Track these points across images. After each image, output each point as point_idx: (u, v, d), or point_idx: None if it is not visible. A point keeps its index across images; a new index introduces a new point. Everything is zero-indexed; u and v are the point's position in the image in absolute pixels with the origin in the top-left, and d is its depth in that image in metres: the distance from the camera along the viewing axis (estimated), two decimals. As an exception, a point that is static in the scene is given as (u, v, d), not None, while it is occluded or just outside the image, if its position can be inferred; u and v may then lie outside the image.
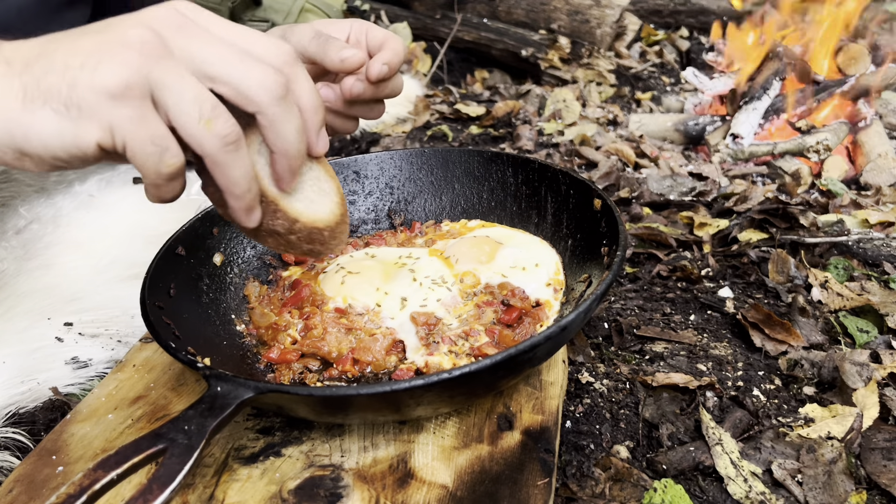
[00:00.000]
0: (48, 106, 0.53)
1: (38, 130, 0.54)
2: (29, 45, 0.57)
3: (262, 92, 0.57)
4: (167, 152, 0.55)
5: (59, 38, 0.57)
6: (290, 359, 0.80)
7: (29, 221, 1.15)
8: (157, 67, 0.54)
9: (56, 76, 0.53)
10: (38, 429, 0.83)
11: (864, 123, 2.13)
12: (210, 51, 0.56)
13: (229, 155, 0.57)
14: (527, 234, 1.00)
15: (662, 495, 0.75)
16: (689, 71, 2.59)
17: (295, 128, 0.61)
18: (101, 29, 0.56)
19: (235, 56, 0.57)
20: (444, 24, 3.19)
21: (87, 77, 0.52)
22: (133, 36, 0.54)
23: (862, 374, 0.94)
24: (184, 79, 0.55)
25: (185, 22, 0.57)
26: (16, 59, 0.56)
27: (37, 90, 0.54)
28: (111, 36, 0.54)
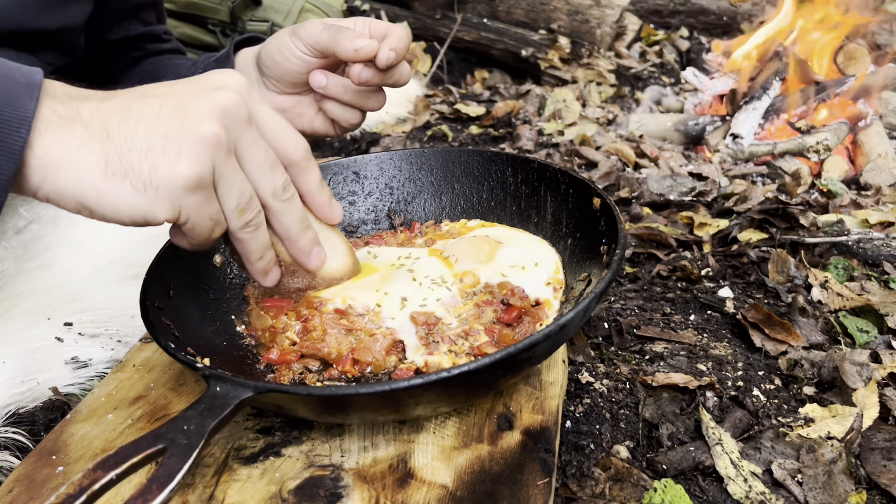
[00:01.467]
0: (128, 181, 0.60)
1: (114, 199, 0.60)
2: (107, 109, 0.62)
3: (268, 195, 0.70)
4: (219, 225, 0.67)
5: (135, 106, 0.62)
6: (289, 359, 0.80)
7: (29, 221, 1.15)
8: (222, 161, 0.63)
9: (138, 155, 0.60)
10: (37, 429, 0.83)
11: (864, 123, 2.13)
12: (252, 153, 0.67)
13: (248, 235, 0.70)
14: (526, 233, 1.00)
15: (662, 495, 0.75)
16: (689, 71, 2.59)
17: (296, 219, 0.74)
18: (178, 107, 0.62)
19: (267, 161, 0.68)
20: (444, 24, 3.19)
21: (167, 165, 0.60)
22: (208, 132, 0.62)
23: (862, 374, 0.94)
24: (236, 174, 0.66)
25: (246, 118, 0.66)
26: (94, 124, 0.61)
27: (118, 164, 0.60)
28: (188, 124, 0.61)
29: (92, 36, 1.27)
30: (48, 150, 0.59)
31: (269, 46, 0.99)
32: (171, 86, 0.66)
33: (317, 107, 1.03)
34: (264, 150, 0.68)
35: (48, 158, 0.59)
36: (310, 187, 0.75)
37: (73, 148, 0.60)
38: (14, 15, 1.06)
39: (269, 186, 0.69)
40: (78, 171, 0.59)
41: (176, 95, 0.64)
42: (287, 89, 1.01)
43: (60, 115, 0.61)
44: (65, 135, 0.60)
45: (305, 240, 0.76)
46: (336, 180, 1.07)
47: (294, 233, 0.75)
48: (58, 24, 1.14)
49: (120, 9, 1.32)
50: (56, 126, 0.60)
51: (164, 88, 0.65)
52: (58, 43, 1.17)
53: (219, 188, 0.65)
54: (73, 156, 0.59)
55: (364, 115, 1.02)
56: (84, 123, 0.61)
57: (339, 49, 0.90)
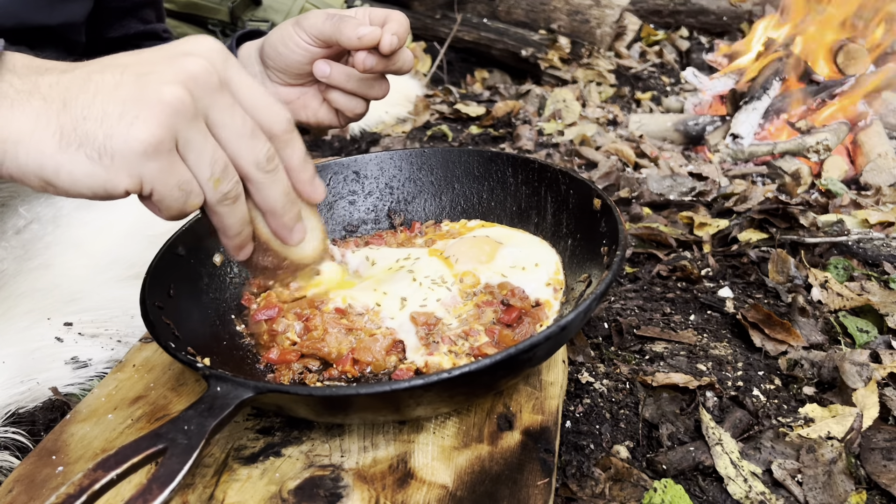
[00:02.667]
0: (82, 150, 0.57)
1: (70, 170, 0.57)
2: (66, 80, 0.60)
3: (251, 165, 0.65)
4: (191, 195, 0.62)
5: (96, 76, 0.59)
6: (289, 359, 0.80)
7: (29, 221, 1.15)
8: (185, 127, 0.59)
9: (94, 123, 0.57)
10: (37, 429, 0.83)
11: (864, 123, 2.13)
12: (227, 120, 0.63)
13: (226, 208, 0.65)
14: (526, 233, 1.00)
15: (662, 495, 0.75)
16: (689, 71, 2.59)
17: (280, 191, 0.69)
18: (140, 75, 0.59)
19: (244, 129, 0.64)
20: (444, 24, 3.19)
21: (123, 130, 0.56)
22: (169, 95, 0.58)
23: (862, 374, 0.94)
24: (206, 140, 0.61)
25: (217, 84, 0.62)
26: (53, 97, 0.59)
27: (73, 133, 0.57)
28: (149, 89, 0.58)
29: (92, 34, 1.27)
30: (4, 126, 0.57)
31: (273, 38, 0.99)
32: (136, 54, 0.62)
33: (321, 97, 1.03)
34: (241, 117, 0.64)
35: (5, 134, 0.57)
36: (292, 162, 0.70)
37: (31, 121, 0.57)
38: (14, 11, 1.07)
39: (250, 155, 0.65)
40: (35, 145, 0.57)
41: (139, 64, 0.61)
42: (291, 80, 1.01)
43: (18, 89, 0.58)
44: (22, 109, 0.58)
45: (290, 214, 0.72)
46: (336, 180, 1.07)
47: (279, 206, 0.70)
48: (58, 20, 1.14)
49: (120, 7, 1.32)
50: (12, 100, 0.58)
51: (129, 57, 0.62)
52: (58, 39, 1.17)
53: (188, 156, 0.61)
54: (29, 129, 0.57)
55: (368, 104, 1.03)
56: (42, 96, 0.58)
57: (342, 37, 0.89)
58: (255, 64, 1.05)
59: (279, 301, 0.88)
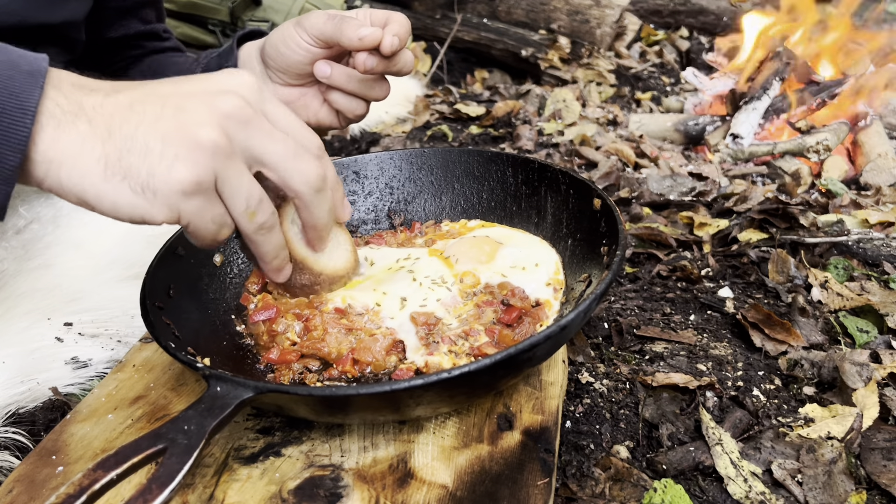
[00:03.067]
0: (126, 183, 0.60)
1: (113, 200, 0.61)
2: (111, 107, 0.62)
3: (304, 186, 0.69)
4: (224, 228, 0.66)
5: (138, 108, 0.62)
6: (289, 359, 0.80)
7: (29, 221, 1.15)
8: (222, 167, 0.63)
9: (136, 158, 0.60)
10: (37, 429, 0.83)
11: (864, 123, 2.13)
12: (269, 147, 0.66)
13: (262, 237, 0.70)
14: (527, 233, 1.00)
15: (662, 495, 0.75)
16: (689, 71, 2.59)
17: (327, 209, 0.74)
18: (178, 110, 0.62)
19: (289, 152, 0.67)
20: (444, 24, 3.19)
21: (164, 170, 0.60)
22: (205, 138, 0.61)
23: (862, 374, 0.94)
24: (241, 176, 0.65)
25: (252, 117, 0.65)
26: (98, 122, 0.61)
27: (118, 165, 0.60)
28: (187, 130, 0.61)
29: (92, 34, 1.27)
30: (51, 147, 0.59)
31: (274, 38, 1.00)
32: (176, 84, 0.65)
33: (321, 98, 1.03)
34: (283, 140, 0.67)
35: (51, 154, 0.59)
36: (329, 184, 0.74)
37: (76, 145, 0.60)
38: (15, 9, 1.07)
39: (302, 177, 0.68)
40: (79, 170, 0.59)
41: (178, 96, 0.63)
42: (292, 81, 1.02)
43: (64, 110, 0.60)
44: (67, 130, 0.60)
45: (328, 229, 0.77)
46: (336, 180, 1.07)
47: (322, 223, 0.75)
48: (59, 18, 1.14)
49: (120, 6, 1.32)
50: (59, 121, 0.60)
51: (168, 87, 0.65)
52: (59, 38, 1.17)
53: (223, 191, 0.64)
54: (75, 153, 0.59)
55: (368, 105, 1.03)
56: (87, 119, 0.60)
57: (343, 38, 0.90)
58: (255, 64, 1.05)
59: (276, 301, 0.88)
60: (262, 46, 1.03)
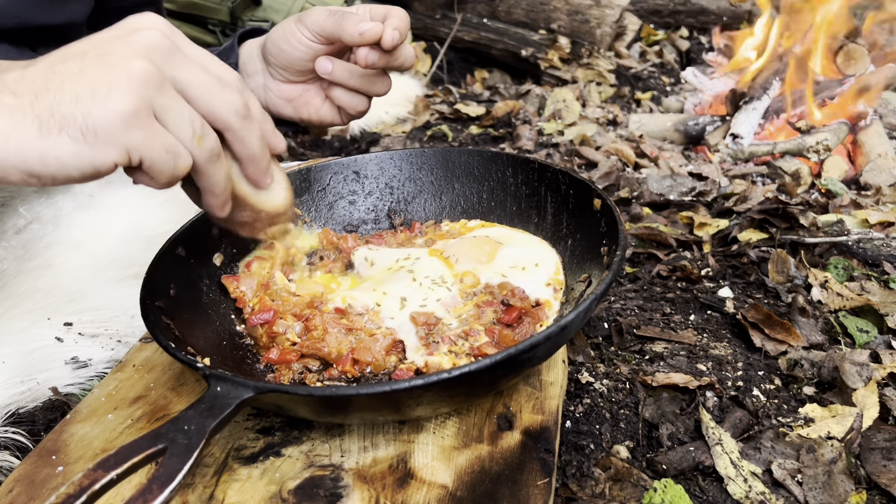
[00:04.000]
0: (65, 133, 0.58)
1: (56, 155, 0.58)
2: (31, 74, 0.60)
3: (231, 114, 0.67)
4: (179, 157, 0.63)
5: (59, 67, 0.61)
6: (289, 359, 0.80)
7: (29, 221, 1.15)
8: (157, 94, 0.61)
9: (69, 105, 0.58)
10: (37, 429, 0.83)
11: (864, 123, 2.13)
12: (192, 78, 0.65)
13: (213, 165, 0.67)
14: (527, 234, 1.00)
15: (662, 495, 0.75)
16: (689, 71, 2.59)
17: (258, 137, 0.71)
18: (100, 56, 0.61)
19: (212, 83, 0.66)
20: (444, 24, 3.19)
21: (99, 106, 0.58)
22: (135, 68, 0.59)
23: (862, 374, 0.94)
24: (178, 102, 0.63)
25: (173, 48, 0.64)
26: (22, 90, 0.59)
27: (52, 119, 0.58)
28: (114, 67, 0.59)
29: (91, 34, 1.27)
30: None
31: (275, 35, 1.00)
32: (88, 40, 0.64)
33: (323, 95, 1.04)
34: (204, 73, 0.65)
35: None
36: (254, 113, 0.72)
37: (5, 117, 0.58)
38: (14, 11, 1.07)
39: (226, 105, 0.67)
40: (15, 139, 0.58)
41: (96, 46, 0.62)
42: (293, 77, 1.02)
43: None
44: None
45: (266, 160, 0.74)
46: (336, 179, 1.07)
47: (258, 151, 0.72)
48: (59, 20, 1.14)
49: (119, 7, 1.32)
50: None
51: (82, 44, 0.63)
52: (60, 39, 1.17)
53: (167, 120, 0.62)
54: (6, 125, 0.58)
55: (370, 101, 1.04)
56: (11, 91, 0.59)
57: (344, 34, 0.91)
58: (257, 62, 1.05)
59: (274, 303, 0.87)
60: (263, 44, 1.03)
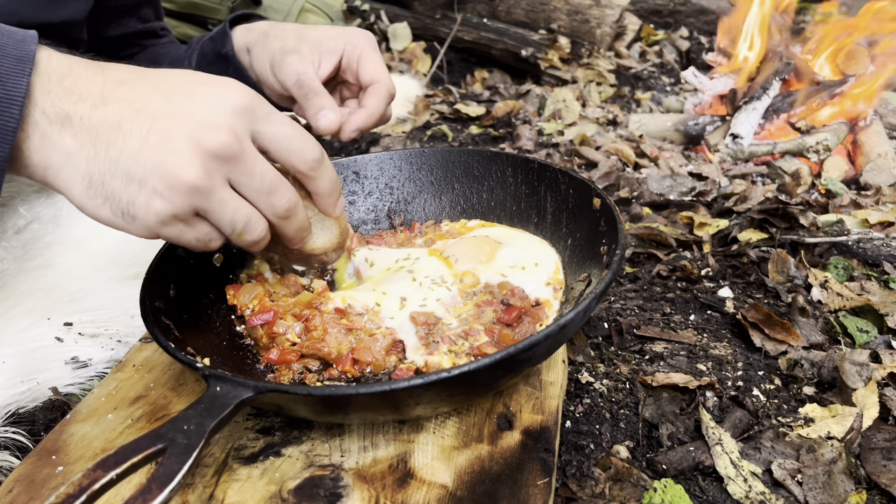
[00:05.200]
0: (108, 205, 0.63)
1: (94, 214, 0.64)
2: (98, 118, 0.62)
3: (270, 216, 0.71)
4: (211, 242, 0.69)
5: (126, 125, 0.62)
6: (289, 359, 0.80)
7: (29, 221, 1.15)
8: (202, 202, 0.64)
9: (119, 184, 0.62)
10: (37, 429, 0.83)
11: (864, 123, 2.13)
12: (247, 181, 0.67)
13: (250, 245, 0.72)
14: (526, 233, 1.00)
15: (662, 495, 0.75)
16: (689, 71, 2.59)
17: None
18: (163, 139, 0.62)
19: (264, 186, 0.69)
20: (444, 24, 3.19)
21: (143, 203, 0.62)
22: (186, 177, 0.62)
23: (862, 374, 0.94)
24: (223, 206, 0.66)
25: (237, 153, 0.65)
26: (83, 138, 0.61)
27: (101, 187, 0.62)
28: (169, 165, 0.61)
29: (91, 33, 1.27)
30: (36, 153, 0.61)
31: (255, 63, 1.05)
32: (168, 98, 0.64)
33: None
34: (259, 177, 0.67)
35: (36, 160, 0.61)
36: (321, 189, 0.77)
37: (60, 158, 0.61)
38: (15, 9, 1.07)
39: (269, 209, 0.71)
40: (64, 180, 0.62)
41: (167, 118, 0.63)
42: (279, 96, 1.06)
43: (49, 119, 0.61)
44: (52, 142, 0.61)
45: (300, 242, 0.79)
46: (336, 180, 1.07)
47: (292, 238, 0.77)
48: (59, 18, 1.15)
49: (119, 5, 1.32)
50: (44, 131, 0.61)
51: (159, 103, 0.64)
52: (60, 37, 1.17)
53: (209, 218, 0.67)
54: (60, 164, 0.61)
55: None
56: (73, 133, 0.61)
57: (305, 115, 0.95)
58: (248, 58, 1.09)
59: (274, 304, 0.87)
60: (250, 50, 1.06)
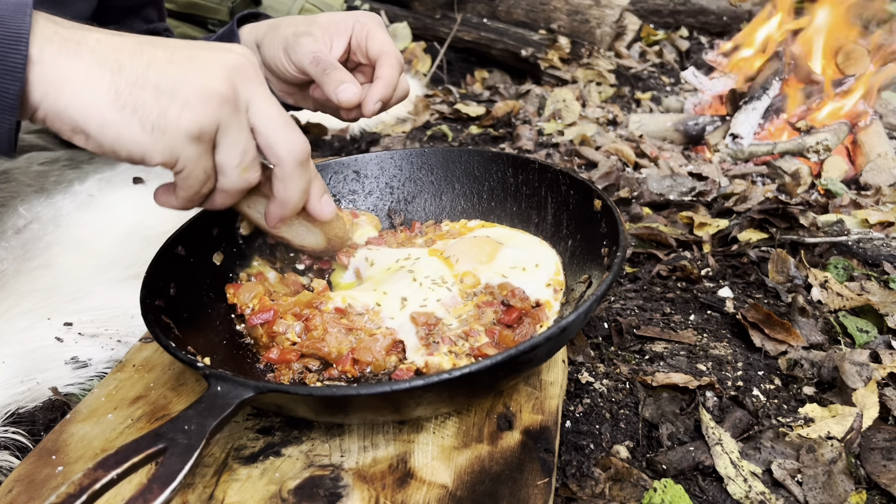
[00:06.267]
0: (136, 117, 0.60)
1: (118, 132, 0.60)
2: (116, 43, 0.62)
3: (288, 154, 0.70)
4: (210, 180, 0.68)
5: (147, 48, 0.63)
6: (289, 359, 0.80)
7: (29, 221, 1.15)
8: (227, 118, 0.64)
9: (149, 94, 0.60)
10: (37, 429, 0.83)
11: (864, 123, 2.13)
12: (266, 107, 0.68)
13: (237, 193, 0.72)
14: (527, 234, 1.00)
15: (662, 495, 0.75)
16: (689, 71, 2.59)
17: (301, 188, 0.74)
18: (189, 59, 0.63)
19: (283, 118, 0.69)
20: (444, 24, 3.19)
21: (175, 113, 0.61)
22: (217, 85, 0.63)
23: (862, 374, 0.94)
24: (241, 131, 0.66)
25: (255, 76, 0.67)
26: (104, 53, 0.60)
27: (129, 97, 0.60)
28: (199, 76, 0.62)
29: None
30: (51, 69, 0.58)
31: (266, 52, 1.03)
32: (180, 41, 0.66)
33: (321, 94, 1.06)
34: (278, 108, 0.68)
35: (51, 76, 0.58)
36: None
37: (80, 72, 0.59)
38: None
39: (287, 144, 0.69)
40: (83, 96, 0.59)
41: (188, 48, 0.64)
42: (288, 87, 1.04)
43: (64, 37, 0.60)
44: (70, 56, 0.59)
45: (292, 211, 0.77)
46: (336, 179, 1.07)
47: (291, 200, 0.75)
48: (65, 17, 1.15)
49: (123, 6, 1.33)
50: (59, 45, 0.59)
51: (174, 41, 0.65)
52: None
53: (221, 142, 0.65)
54: (79, 80, 0.59)
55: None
56: (90, 50, 0.60)
57: (324, 91, 0.92)
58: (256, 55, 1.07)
59: (274, 303, 0.87)
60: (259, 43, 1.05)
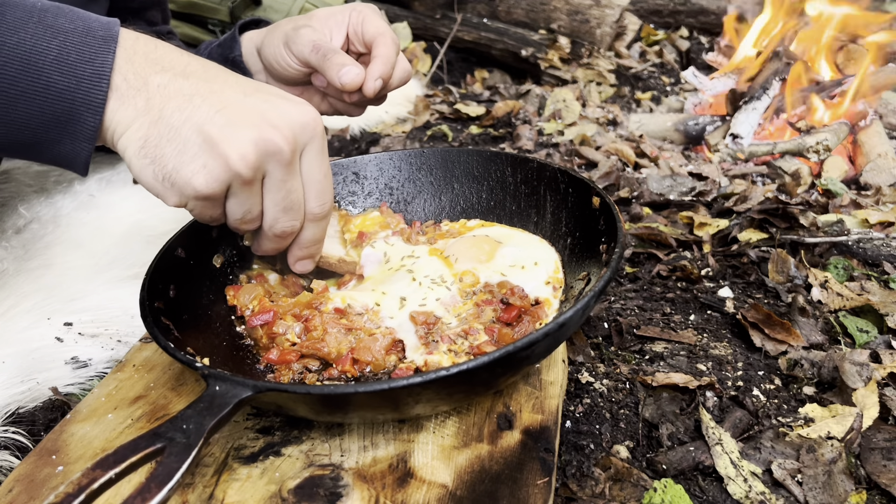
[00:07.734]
0: (152, 167, 0.67)
1: (136, 173, 0.68)
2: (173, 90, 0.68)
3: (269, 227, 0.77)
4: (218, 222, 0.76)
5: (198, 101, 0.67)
6: (289, 359, 0.80)
7: (29, 221, 1.15)
8: (237, 189, 0.70)
9: (171, 149, 0.66)
10: (37, 429, 0.83)
11: (864, 123, 2.13)
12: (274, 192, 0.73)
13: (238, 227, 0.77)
14: (526, 232, 1.00)
15: (662, 495, 0.75)
16: (690, 71, 2.59)
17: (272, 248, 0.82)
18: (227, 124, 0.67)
19: (285, 203, 0.74)
20: (444, 24, 3.19)
21: (187, 173, 0.67)
22: (238, 161, 0.67)
23: (862, 374, 0.94)
24: (249, 199, 0.72)
25: (286, 162, 0.70)
26: (155, 101, 0.67)
27: (153, 149, 0.67)
28: (225, 146, 0.66)
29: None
30: (112, 117, 0.67)
31: (267, 51, 1.03)
32: (244, 92, 0.70)
33: (322, 94, 1.07)
34: (287, 193, 0.73)
35: (108, 121, 0.67)
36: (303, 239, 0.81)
37: (129, 118, 0.66)
38: None
39: (271, 219, 0.75)
40: (125, 140, 0.67)
41: (237, 108, 0.68)
42: (290, 85, 1.04)
43: (129, 84, 0.66)
44: (126, 104, 0.66)
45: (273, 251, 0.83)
46: (336, 180, 1.07)
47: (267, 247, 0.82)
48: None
49: (127, 8, 1.33)
50: (122, 94, 0.66)
51: (234, 94, 0.69)
52: None
53: (229, 201, 0.72)
54: (126, 124, 0.67)
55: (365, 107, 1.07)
56: (147, 98, 0.66)
57: (327, 77, 0.94)
58: (257, 60, 1.08)
59: (274, 304, 0.87)
60: (260, 45, 1.05)
